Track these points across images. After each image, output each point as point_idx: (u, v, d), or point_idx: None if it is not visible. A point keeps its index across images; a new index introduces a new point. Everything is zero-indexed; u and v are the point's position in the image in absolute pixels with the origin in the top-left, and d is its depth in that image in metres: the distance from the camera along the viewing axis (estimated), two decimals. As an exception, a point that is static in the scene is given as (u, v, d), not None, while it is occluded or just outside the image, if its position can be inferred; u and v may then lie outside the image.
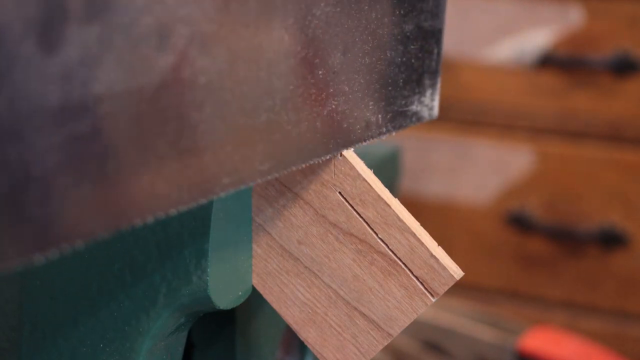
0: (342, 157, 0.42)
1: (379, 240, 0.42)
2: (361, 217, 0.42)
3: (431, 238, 0.42)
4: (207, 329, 0.53)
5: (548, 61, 1.08)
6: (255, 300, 0.48)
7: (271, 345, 0.55)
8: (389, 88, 0.45)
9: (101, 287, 0.43)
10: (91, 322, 0.43)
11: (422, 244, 0.42)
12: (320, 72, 0.39)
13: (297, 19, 0.37)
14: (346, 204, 0.42)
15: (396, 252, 0.42)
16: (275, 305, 0.45)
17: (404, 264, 0.42)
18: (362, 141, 0.43)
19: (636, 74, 1.04)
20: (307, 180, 0.43)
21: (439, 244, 0.42)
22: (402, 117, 0.46)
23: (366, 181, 0.42)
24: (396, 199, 0.43)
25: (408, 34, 0.45)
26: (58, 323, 0.44)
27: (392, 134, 0.45)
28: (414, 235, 0.42)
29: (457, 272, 0.42)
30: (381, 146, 0.67)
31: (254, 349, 0.54)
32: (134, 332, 0.43)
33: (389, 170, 0.67)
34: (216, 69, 0.34)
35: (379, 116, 0.44)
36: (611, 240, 1.07)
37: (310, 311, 0.44)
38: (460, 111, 1.13)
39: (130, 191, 0.31)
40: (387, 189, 0.43)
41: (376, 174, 0.43)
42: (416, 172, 1.16)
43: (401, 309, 0.42)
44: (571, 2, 1.06)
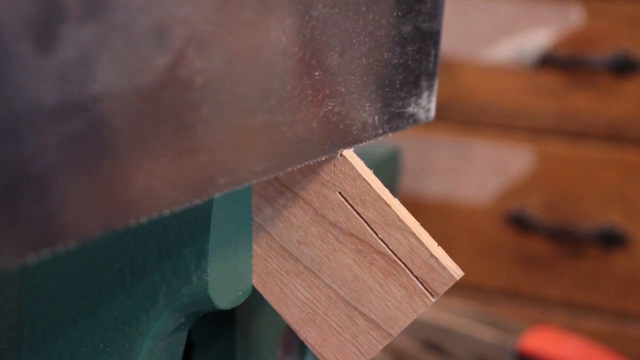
0: (342, 157, 0.42)
1: (379, 240, 0.42)
2: (361, 217, 0.42)
3: (431, 238, 0.42)
4: (207, 329, 0.53)
5: (548, 61, 1.08)
6: (255, 300, 0.48)
7: (271, 345, 0.55)
8: (386, 89, 0.44)
9: (101, 287, 0.43)
10: (91, 322, 0.43)
11: (422, 244, 0.42)
12: (317, 73, 0.39)
13: (294, 20, 0.37)
14: (346, 204, 0.42)
15: (396, 252, 0.42)
16: (275, 305, 0.45)
17: (404, 264, 0.42)
18: (358, 142, 0.43)
19: (636, 74, 1.04)
20: (307, 180, 0.43)
21: (439, 244, 0.42)
22: (398, 119, 0.46)
23: (366, 181, 0.42)
24: (396, 199, 0.43)
25: (406, 35, 0.45)
26: (58, 323, 0.44)
27: (389, 135, 0.45)
28: (414, 235, 0.42)
29: (457, 272, 0.42)
30: (381, 146, 0.67)
31: (254, 349, 0.54)
32: (134, 332, 0.43)
33: (389, 170, 0.67)
34: (213, 69, 0.34)
35: (376, 117, 0.44)
36: (611, 240, 1.07)
37: (310, 311, 0.44)
38: (460, 111, 1.13)
39: (126, 191, 0.31)
40: (387, 189, 0.43)
41: (376, 174, 0.43)
42: (416, 172, 1.16)
43: (401, 309, 0.42)
44: (571, 2, 1.06)
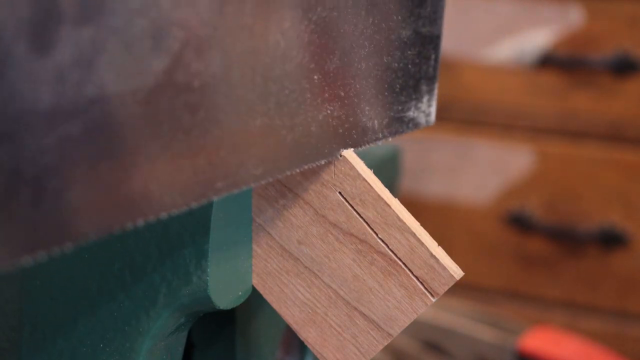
0: (342, 157, 0.42)
1: (379, 240, 0.42)
2: (361, 217, 0.42)
3: (431, 238, 0.42)
4: (207, 329, 0.53)
5: (548, 61, 1.08)
6: (255, 300, 0.48)
7: (271, 345, 0.55)
8: (386, 94, 0.44)
9: (101, 287, 0.43)
10: (91, 322, 0.43)
11: (422, 244, 0.42)
12: (316, 76, 0.39)
13: (293, 23, 0.37)
14: (346, 204, 0.42)
15: (396, 252, 0.42)
16: (275, 305, 0.45)
17: (404, 264, 0.42)
18: (358, 146, 0.43)
19: (636, 74, 1.04)
20: (307, 180, 0.43)
21: (439, 244, 0.42)
22: (398, 123, 0.46)
23: (366, 181, 0.42)
24: (396, 199, 0.43)
25: (405, 39, 0.45)
26: (58, 323, 0.44)
27: (389, 139, 0.45)
28: (414, 235, 0.42)
29: (457, 272, 0.42)
30: (381, 146, 0.66)
31: (254, 349, 0.54)
32: (134, 332, 0.43)
33: (389, 170, 0.67)
34: (211, 72, 0.33)
35: (376, 122, 0.44)
36: (611, 240, 1.07)
37: (310, 311, 0.44)
38: (460, 111, 1.13)
39: (122, 193, 0.31)
40: (387, 189, 0.43)
41: (376, 174, 0.43)
42: (416, 172, 1.16)
43: (401, 309, 0.42)
44: (571, 2, 1.06)
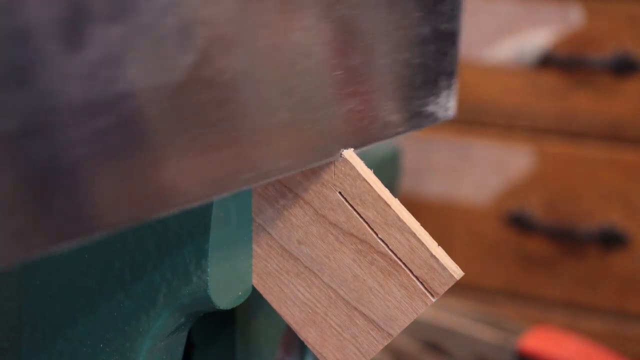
0: (342, 157, 0.42)
1: (379, 240, 0.42)
2: (361, 217, 0.42)
3: (431, 238, 0.42)
4: (207, 329, 0.53)
5: (548, 61, 1.08)
6: (255, 300, 0.48)
7: (271, 345, 0.55)
8: (406, 88, 0.45)
9: (101, 286, 0.43)
10: (91, 322, 0.43)
11: (422, 244, 0.42)
12: (338, 72, 0.40)
13: (316, 20, 0.38)
14: (346, 204, 0.42)
15: (396, 252, 0.42)
16: (275, 305, 0.45)
17: (404, 264, 0.42)
18: (379, 140, 0.44)
19: (636, 74, 1.04)
20: (307, 180, 0.43)
21: (439, 244, 0.42)
22: (418, 117, 0.47)
23: (366, 181, 0.42)
24: (396, 199, 0.43)
25: (425, 36, 0.46)
26: (58, 323, 0.44)
27: (408, 133, 0.46)
28: (414, 235, 0.42)
29: (457, 272, 0.42)
30: (381, 146, 0.66)
31: (254, 349, 0.54)
32: (134, 332, 0.43)
33: (389, 170, 0.67)
34: (237, 68, 0.35)
35: (396, 116, 0.45)
36: (611, 240, 1.07)
37: (310, 311, 0.44)
38: (460, 111, 1.13)
39: (151, 185, 0.32)
40: (387, 189, 0.43)
41: (376, 174, 0.43)
42: (416, 172, 1.16)
43: (401, 309, 0.42)
44: (571, 2, 1.06)
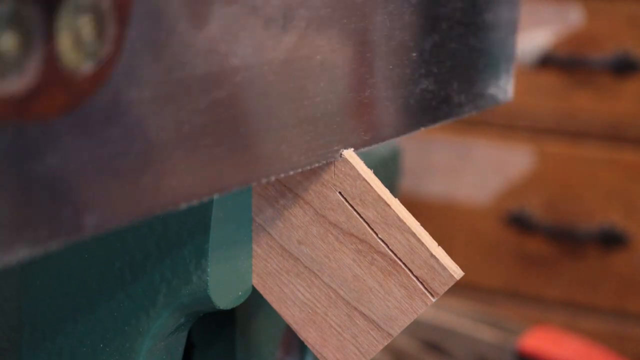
0: (342, 157, 0.42)
1: (379, 240, 0.42)
2: (361, 217, 0.42)
3: (431, 238, 0.42)
4: (207, 329, 0.53)
5: (548, 61, 1.08)
6: (255, 300, 0.48)
7: (271, 345, 0.55)
8: (471, 71, 0.50)
9: (101, 286, 0.43)
10: (91, 322, 0.43)
11: (422, 244, 0.41)
12: (414, 54, 0.44)
13: (396, 6, 0.43)
14: (346, 204, 0.42)
15: (396, 252, 0.42)
16: (275, 305, 0.45)
17: (404, 264, 0.42)
18: (446, 119, 0.48)
19: (636, 74, 1.04)
20: (307, 180, 0.43)
21: (439, 244, 0.42)
22: (480, 99, 0.51)
23: (366, 181, 0.42)
24: (396, 199, 0.42)
25: (488, 23, 0.50)
26: (58, 323, 0.44)
27: (472, 113, 0.50)
28: (414, 235, 0.42)
29: (457, 272, 0.42)
30: (381, 146, 0.66)
31: (254, 349, 0.54)
32: (134, 332, 0.43)
33: (389, 170, 0.67)
34: (330, 48, 0.39)
35: (462, 96, 0.49)
36: (611, 240, 1.07)
37: (310, 311, 0.44)
38: (460, 111, 1.13)
39: (257, 152, 0.36)
40: (387, 189, 0.43)
41: (376, 174, 0.43)
42: (416, 172, 1.16)
43: (401, 309, 0.42)
44: (571, 2, 1.06)
